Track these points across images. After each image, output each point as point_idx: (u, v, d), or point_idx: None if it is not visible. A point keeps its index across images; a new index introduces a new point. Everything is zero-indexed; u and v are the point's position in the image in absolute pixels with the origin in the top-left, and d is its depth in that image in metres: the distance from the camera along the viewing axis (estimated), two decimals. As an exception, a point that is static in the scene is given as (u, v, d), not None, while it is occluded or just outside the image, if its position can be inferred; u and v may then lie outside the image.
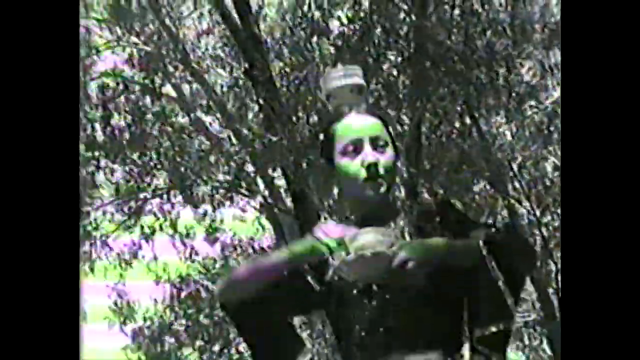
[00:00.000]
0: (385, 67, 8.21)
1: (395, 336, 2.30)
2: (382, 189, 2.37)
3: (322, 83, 2.43)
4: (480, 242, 2.26)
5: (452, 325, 2.33)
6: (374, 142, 2.38)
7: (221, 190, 9.30)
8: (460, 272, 2.27)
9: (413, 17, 8.08)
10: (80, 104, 8.04)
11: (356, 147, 2.37)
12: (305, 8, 8.27)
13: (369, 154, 2.36)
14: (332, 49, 8.17)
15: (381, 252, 2.21)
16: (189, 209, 9.87)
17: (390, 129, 2.45)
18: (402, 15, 8.30)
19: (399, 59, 8.20)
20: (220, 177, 9.17)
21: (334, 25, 8.46)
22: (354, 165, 2.37)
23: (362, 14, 8.27)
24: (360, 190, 2.37)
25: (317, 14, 8.40)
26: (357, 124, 2.39)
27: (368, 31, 8.18)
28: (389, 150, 2.40)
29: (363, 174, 2.35)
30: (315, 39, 8.25)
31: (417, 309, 2.30)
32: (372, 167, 2.34)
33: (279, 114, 7.94)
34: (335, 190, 2.83)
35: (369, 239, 2.24)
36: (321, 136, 2.43)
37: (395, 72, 8.26)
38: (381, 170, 2.36)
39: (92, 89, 9.00)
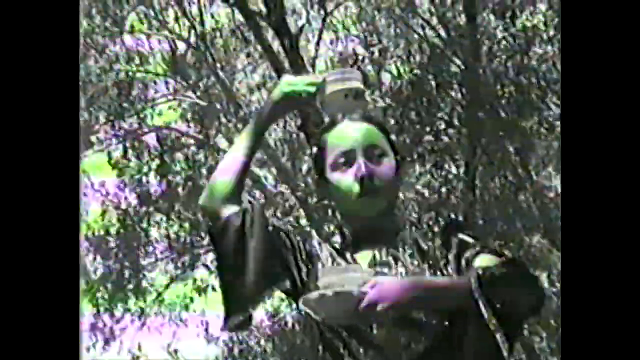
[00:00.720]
0: (438, 117, 8.21)
1: None
2: (380, 206, 2.08)
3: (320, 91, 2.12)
4: (472, 279, 1.90)
5: None
6: (369, 152, 2.07)
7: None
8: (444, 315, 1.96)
9: (465, 68, 8.09)
10: (135, 155, 8.18)
11: (348, 159, 2.07)
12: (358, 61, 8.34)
13: (362, 165, 2.04)
14: (383, 101, 8.19)
15: (347, 291, 1.89)
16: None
17: (391, 137, 2.15)
18: (454, 67, 8.32)
19: (451, 110, 8.20)
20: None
21: (386, 77, 8.50)
22: (345, 180, 2.06)
23: (414, 67, 8.31)
24: (354, 208, 2.08)
25: (369, 67, 8.46)
26: (349, 132, 2.09)
27: (420, 84, 8.20)
28: (388, 161, 2.09)
29: (356, 189, 2.04)
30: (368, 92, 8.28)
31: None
32: (366, 181, 2.03)
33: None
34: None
35: (333, 279, 1.94)
36: (314, 149, 2.17)
37: (447, 124, 8.25)
38: (377, 184, 2.05)
39: (148, 141, 9.16)
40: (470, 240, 2.07)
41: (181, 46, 9.56)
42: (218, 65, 9.28)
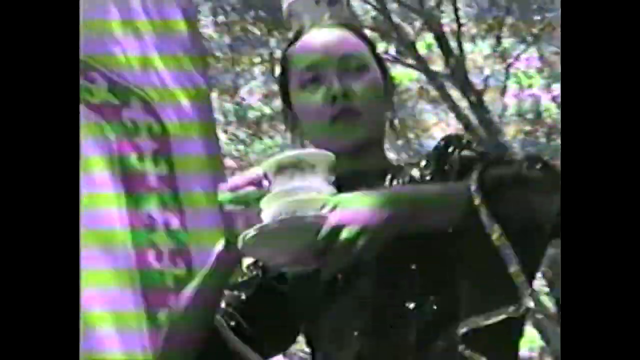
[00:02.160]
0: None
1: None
2: (358, 134, 1.62)
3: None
4: (472, 185, 1.44)
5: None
6: (344, 64, 1.63)
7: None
8: (440, 238, 1.44)
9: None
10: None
11: (317, 74, 1.62)
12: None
13: (334, 80, 1.60)
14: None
15: (298, 217, 1.36)
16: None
17: (375, 48, 1.71)
18: None
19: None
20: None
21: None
22: (314, 100, 1.63)
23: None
24: (326, 136, 1.62)
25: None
26: (317, 40, 1.63)
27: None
28: (370, 76, 1.66)
29: (328, 110, 1.61)
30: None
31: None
32: (339, 99, 1.60)
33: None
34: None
35: (281, 205, 1.38)
36: (277, 71, 1.65)
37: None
38: (357, 104, 1.62)
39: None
40: (475, 155, 1.60)
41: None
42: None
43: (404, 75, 9.47)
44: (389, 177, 1.63)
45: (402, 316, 1.51)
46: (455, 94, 8.51)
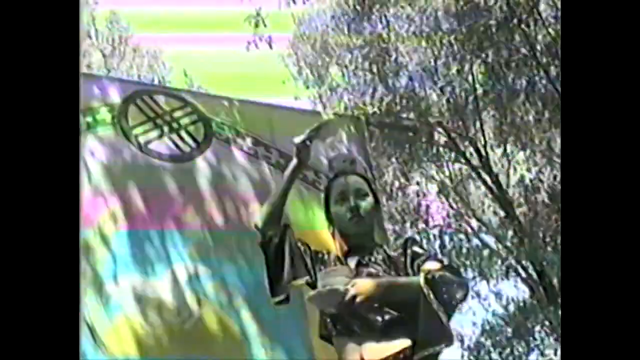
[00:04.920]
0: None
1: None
2: (364, 228, 3.08)
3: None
4: (421, 280, 2.81)
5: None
6: (356, 193, 3.11)
7: None
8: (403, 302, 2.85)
9: None
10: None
11: (344, 198, 3.10)
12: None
13: (352, 201, 3.08)
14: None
15: (335, 289, 2.82)
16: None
17: (371, 184, 3.17)
18: None
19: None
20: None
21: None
22: (342, 211, 3.08)
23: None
24: (346, 227, 3.07)
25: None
26: (344, 180, 3.15)
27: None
28: (369, 200, 3.11)
29: (348, 215, 3.06)
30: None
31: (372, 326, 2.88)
32: (354, 210, 3.06)
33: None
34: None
35: (329, 280, 2.87)
36: (322, 195, 3.24)
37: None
38: (362, 213, 3.06)
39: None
40: (420, 251, 3.00)
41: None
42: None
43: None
44: (374, 251, 3.08)
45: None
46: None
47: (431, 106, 8.54)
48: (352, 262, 3.02)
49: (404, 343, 2.80)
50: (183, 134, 6.16)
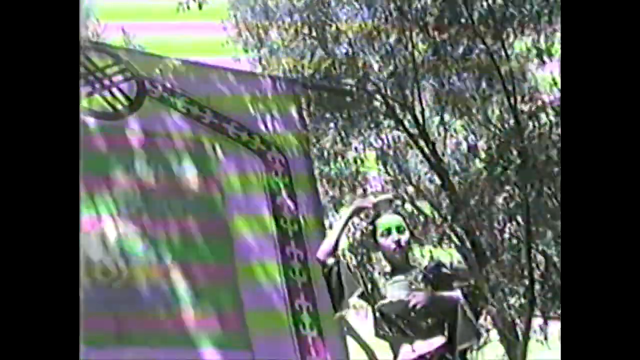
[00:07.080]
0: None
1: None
2: (403, 254, 4.18)
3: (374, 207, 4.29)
4: (459, 293, 4.04)
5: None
6: (398, 229, 4.18)
7: None
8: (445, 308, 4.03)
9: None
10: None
11: (388, 232, 4.19)
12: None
13: (395, 236, 4.17)
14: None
15: (402, 300, 4.01)
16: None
17: (407, 222, 4.25)
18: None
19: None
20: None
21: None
22: (387, 243, 4.19)
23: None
24: (391, 255, 4.18)
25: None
26: (388, 219, 4.23)
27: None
28: (407, 233, 4.21)
29: (393, 246, 4.16)
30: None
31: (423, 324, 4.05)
32: (397, 242, 4.15)
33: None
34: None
35: (395, 292, 4.09)
36: (369, 229, 4.35)
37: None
38: (402, 244, 4.16)
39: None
40: (448, 271, 4.24)
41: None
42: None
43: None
44: (412, 271, 4.24)
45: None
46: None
47: (370, 74, 8.57)
48: (396, 282, 4.16)
49: (442, 340, 3.92)
50: (115, 91, 6.10)
